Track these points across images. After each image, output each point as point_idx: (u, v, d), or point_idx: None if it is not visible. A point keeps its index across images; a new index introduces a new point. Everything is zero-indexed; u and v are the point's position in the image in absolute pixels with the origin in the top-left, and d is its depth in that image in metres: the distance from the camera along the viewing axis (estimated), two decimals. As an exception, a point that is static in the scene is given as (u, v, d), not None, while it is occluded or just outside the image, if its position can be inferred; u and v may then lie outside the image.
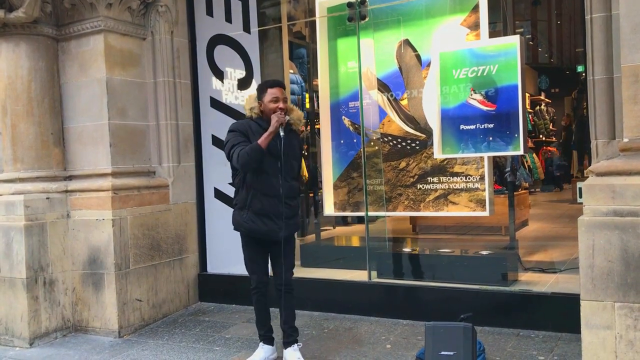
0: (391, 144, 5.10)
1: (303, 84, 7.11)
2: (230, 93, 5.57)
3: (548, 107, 13.10)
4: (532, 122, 11.80)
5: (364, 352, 4.06)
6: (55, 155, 4.99)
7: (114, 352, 4.45)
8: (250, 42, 5.44)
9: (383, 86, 5.09)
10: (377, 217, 5.61)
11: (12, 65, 4.83)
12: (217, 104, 5.58)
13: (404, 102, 5.01)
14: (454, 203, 4.82)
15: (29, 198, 4.72)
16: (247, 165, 3.62)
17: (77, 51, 4.96)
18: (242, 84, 5.52)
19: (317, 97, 5.96)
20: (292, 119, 3.79)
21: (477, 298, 4.42)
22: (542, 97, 13.21)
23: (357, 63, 5.08)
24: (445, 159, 4.76)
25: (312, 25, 6.27)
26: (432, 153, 4.76)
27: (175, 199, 5.37)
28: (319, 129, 5.71)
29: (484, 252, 5.06)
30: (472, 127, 4.45)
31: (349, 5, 5.09)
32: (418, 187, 4.96)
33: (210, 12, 5.54)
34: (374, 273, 5.04)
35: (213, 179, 5.58)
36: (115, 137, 4.91)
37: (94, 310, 4.87)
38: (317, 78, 5.61)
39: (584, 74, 4.06)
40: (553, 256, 5.82)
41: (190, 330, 4.81)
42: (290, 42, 6.88)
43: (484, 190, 4.70)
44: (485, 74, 4.37)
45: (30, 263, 4.65)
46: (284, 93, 3.76)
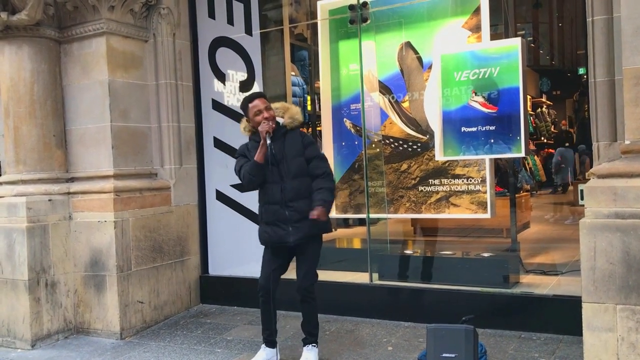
0: (393, 146, 5.10)
1: (304, 86, 7.12)
2: (232, 95, 5.58)
3: (549, 110, 13.08)
4: (534, 125, 11.79)
5: (366, 354, 4.06)
6: (58, 157, 5.00)
7: (116, 354, 4.45)
8: (252, 45, 5.45)
9: (384, 88, 5.09)
10: (378, 219, 5.61)
11: (14, 67, 4.84)
12: (218, 106, 5.59)
13: (406, 105, 5.01)
14: (456, 205, 4.82)
15: (31, 200, 4.72)
16: (252, 182, 3.72)
17: (80, 53, 4.97)
18: (244, 86, 5.53)
19: (319, 99, 5.96)
20: (284, 121, 3.78)
21: (478, 300, 4.42)
22: (544, 99, 13.19)
23: (359, 65, 5.08)
24: (447, 161, 4.76)
25: (313, 28, 6.28)
26: (434, 155, 4.76)
27: (177, 201, 5.38)
28: (320, 131, 5.71)
29: (486, 255, 5.05)
30: (474, 129, 4.46)
31: (351, 7, 5.09)
32: (419, 189, 4.96)
33: (212, 14, 5.55)
34: (375, 275, 5.04)
35: (215, 181, 5.59)
36: (117, 139, 4.92)
37: (95, 312, 4.87)
38: (319, 80, 5.61)
39: (585, 76, 4.06)
40: (554, 258, 5.81)
41: (191, 332, 4.82)
42: (292, 44, 6.88)
43: (485, 192, 4.70)
44: (486, 76, 4.37)
45: (32, 265, 4.66)
46: (265, 102, 3.75)
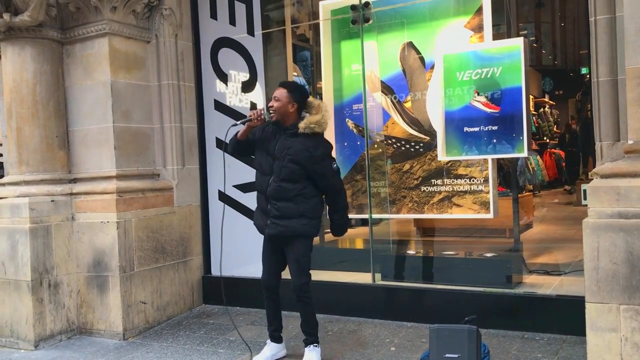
0: (395, 146, 5.09)
1: (307, 86, 7.12)
2: (234, 96, 5.58)
3: (552, 109, 13.08)
4: (536, 124, 11.78)
5: (369, 354, 4.05)
6: (60, 158, 5.01)
7: (119, 354, 4.46)
8: (254, 45, 5.45)
9: (387, 89, 5.09)
10: (381, 220, 5.61)
11: (17, 68, 4.85)
12: (221, 107, 5.59)
13: (408, 105, 5.01)
14: (458, 205, 4.81)
15: (34, 201, 4.73)
16: (229, 145, 3.97)
17: (82, 54, 4.98)
18: (246, 86, 5.53)
19: (321, 99, 5.95)
20: (300, 122, 3.76)
21: (481, 300, 4.41)
22: (546, 99, 13.20)
23: (361, 65, 5.08)
24: (449, 161, 4.76)
25: (315, 28, 6.28)
26: (436, 155, 4.75)
27: (180, 202, 5.38)
28: (322, 131, 5.71)
29: (489, 255, 5.05)
30: (476, 129, 4.45)
31: (353, 8, 5.08)
32: (422, 190, 4.96)
33: (214, 15, 5.55)
34: (378, 275, 5.03)
35: (217, 181, 5.59)
36: (120, 139, 4.92)
37: (98, 313, 4.88)
38: (321, 81, 5.61)
39: (588, 76, 4.05)
40: (557, 258, 5.80)
41: (194, 333, 4.82)
42: (294, 44, 6.89)
43: (488, 192, 4.69)
44: (489, 76, 4.37)
45: (35, 265, 4.66)
46: (280, 92, 3.78)
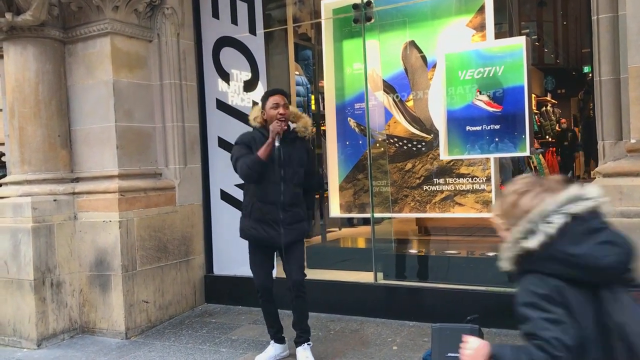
0: (397, 145, 5.09)
1: (309, 85, 7.12)
2: (236, 95, 5.58)
3: (554, 108, 13.05)
4: (539, 123, 11.76)
5: (370, 353, 4.05)
6: (62, 157, 5.02)
7: (121, 353, 4.46)
8: (256, 44, 5.45)
9: (389, 87, 5.09)
10: (383, 219, 5.61)
11: (19, 67, 4.85)
12: (223, 106, 5.59)
13: (410, 104, 5.00)
14: (461, 204, 4.81)
15: (37, 200, 4.74)
16: (249, 177, 3.73)
17: (84, 53, 4.98)
18: (248, 85, 5.53)
19: (323, 98, 5.97)
20: (297, 127, 3.82)
21: (483, 299, 4.40)
22: (549, 98, 13.16)
23: (363, 64, 5.08)
24: (452, 160, 4.76)
25: (317, 27, 6.27)
26: (438, 154, 4.75)
27: (182, 201, 5.38)
28: (324, 130, 5.72)
29: (491, 254, 5.04)
30: (478, 128, 4.45)
31: (355, 7, 5.08)
32: (424, 189, 4.96)
33: (216, 14, 5.55)
34: (380, 274, 5.03)
35: (219, 180, 5.59)
36: (122, 139, 4.93)
37: (100, 312, 4.89)
38: (323, 80, 5.62)
39: (590, 75, 4.05)
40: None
41: (196, 332, 4.83)
42: (295, 43, 6.88)
43: (490, 191, 4.69)
44: (491, 75, 4.36)
45: (38, 265, 4.67)
46: (285, 100, 3.80)
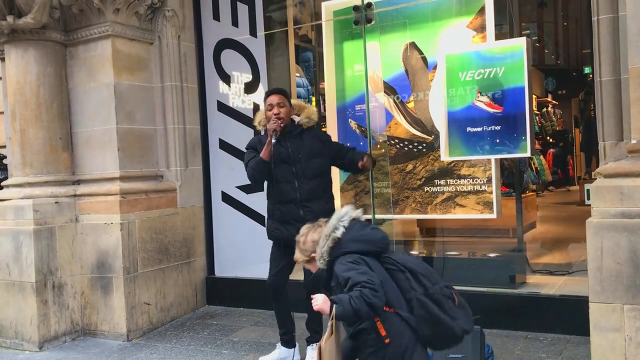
0: (398, 146, 5.09)
1: (309, 87, 7.12)
2: (237, 97, 5.59)
3: (555, 109, 13.05)
4: (539, 124, 11.76)
5: (372, 355, 4.05)
6: (64, 159, 5.02)
7: (123, 355, 4.46)
8: (257, 46, 5.45)
9: (389, 89, 5.09)
10: (384, 220, 5.60)
11: (21, 70, 4.86)
12: (224, 108, 5.60)
13: (411, 105, 5.00)
14: (461, 205, 4.81)
15: (38, 202, 4.74)
16: (255, 178, 3.76)
17: (85, 56, 4.99)
18: (249, 87, 5.53)
19: (324, 100, 5.96)
20: (301, 119, 3.86)
21: (485, 301, 4.39)
22: (549, 98, 13.16)
23: (364, 66, 5.08)
24: (452, 161, 4.75)
25: (318, 29, 6.27)
26: (439, 156, 4.75)
27: (183, 203, 5.39)
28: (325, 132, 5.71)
29: (492, 255, 5.04)
30: (479, 129, 4.45)
31: (355, 8, 5.08)
32: (425, 190, 4.96)
33: (216, 16, 5.55)
34: (381, 276, 5.02)
35: (220, 182, 5.60)
36: (123, 141, 4.93)
37: (102, 314, 4.89)
38: (324, 81, 5.61)
39: (591, 76, 4.05)
40: (561, 258, 5.79)
41: (198, 334, 4.83)
42: (296, 45, 6.88)
43: (491, 192, 4.68)
44: (491, 76, 4.36)
45: (40, 267, 4.67)
46: (280, 98, 3.80)
